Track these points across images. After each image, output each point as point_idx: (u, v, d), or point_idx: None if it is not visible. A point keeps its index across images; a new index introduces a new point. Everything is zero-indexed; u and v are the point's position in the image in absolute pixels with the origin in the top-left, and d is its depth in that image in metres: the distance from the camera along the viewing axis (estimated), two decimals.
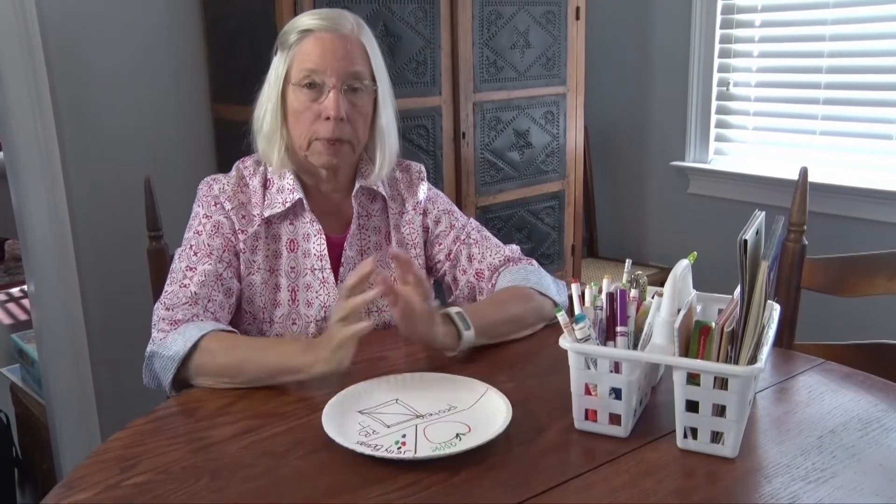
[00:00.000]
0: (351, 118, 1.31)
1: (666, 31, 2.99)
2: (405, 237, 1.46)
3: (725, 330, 0.95)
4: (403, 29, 2.14)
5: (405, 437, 1.00)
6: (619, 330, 1.04)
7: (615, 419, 1.01)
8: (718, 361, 0.95)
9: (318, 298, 1.37)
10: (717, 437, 0.97)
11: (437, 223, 1.48)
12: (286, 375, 1.16)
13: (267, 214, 1.35)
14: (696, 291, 1.10)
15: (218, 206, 1.35)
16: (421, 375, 1.16)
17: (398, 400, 1.10)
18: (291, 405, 1.12)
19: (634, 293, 1.07)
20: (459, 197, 2.36)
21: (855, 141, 2.57)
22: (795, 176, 1.57)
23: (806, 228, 1.56)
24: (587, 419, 1.03)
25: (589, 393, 1.02)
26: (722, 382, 0.94)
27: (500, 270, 1.45)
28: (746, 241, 0.90)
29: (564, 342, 1.01)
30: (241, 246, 1.34)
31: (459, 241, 1.47)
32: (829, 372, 1.21)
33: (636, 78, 3.13)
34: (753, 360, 0.94)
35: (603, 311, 1.06)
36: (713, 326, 0.96)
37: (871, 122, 2.53)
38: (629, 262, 1.16)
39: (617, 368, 1.00)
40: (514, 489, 0.90)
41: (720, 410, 0.96)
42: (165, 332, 1.24)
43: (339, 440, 0.97)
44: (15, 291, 3.95)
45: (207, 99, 2.37)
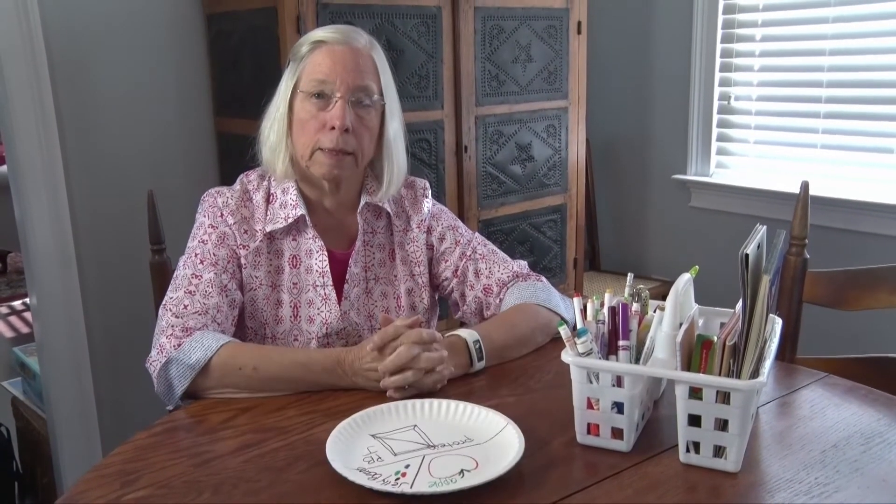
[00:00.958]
0: (356, 131, 1.31)
1: (667, 44, 3.00)
2: (409, 255, 1.45)
3: (727, 344, 0.95)
4: (406, 43, 2.15)
5: (408, 467, 0.98)
6: (621, 344, 1.04)
7: (617, 433, 1.01)
8: (720, 375, 0.95)
9: (319, 315, 1.36)
10: (719, 451, 0.97)
11: (441, 240, 1.48)
12: (318, 368, 1.20)
13: (269, 229, 1.35)
14: (697, 305, 1.10)
15: (222, 218, 1.35)
16: (442, 403, 1.13)
17: (416, 427, 1.09)
18: (293, 420, 1.12)
19: (636, 307, 1.07)
20: (462, 210, 2.36)
21: (856, 154, 2.57)
22: (797, 189, 1.57)
23: (807, 242, 1.55)
24: (589, 433, 1.03)
25: (591, 407, 1.02)
26: (724, 396, 0.94)
27: (508, 286, 1.44)
28: (748, 255, 0.90)
29: (566, 356, 1.01)
30: (242, 261, 1.34)
31: (465, 257, 1.47)
32: (831, 386, 1.21)
33: (638, 92, 3.14)
34: (756, 374, 0.94)
35: (605, 325, 1.06)
36: (715, 340, 0.96)
37: (871, 135, 2.53)
38: (631, 275, 1.16)
39: (619, 382, 1.00)
40: None
41: (722, 425, 0.95)
42: (179, 338, 1.22)
43: (336, 464, 0.96)
44: (17, 304, 3.95)
45: (210, 113, 2.38)
